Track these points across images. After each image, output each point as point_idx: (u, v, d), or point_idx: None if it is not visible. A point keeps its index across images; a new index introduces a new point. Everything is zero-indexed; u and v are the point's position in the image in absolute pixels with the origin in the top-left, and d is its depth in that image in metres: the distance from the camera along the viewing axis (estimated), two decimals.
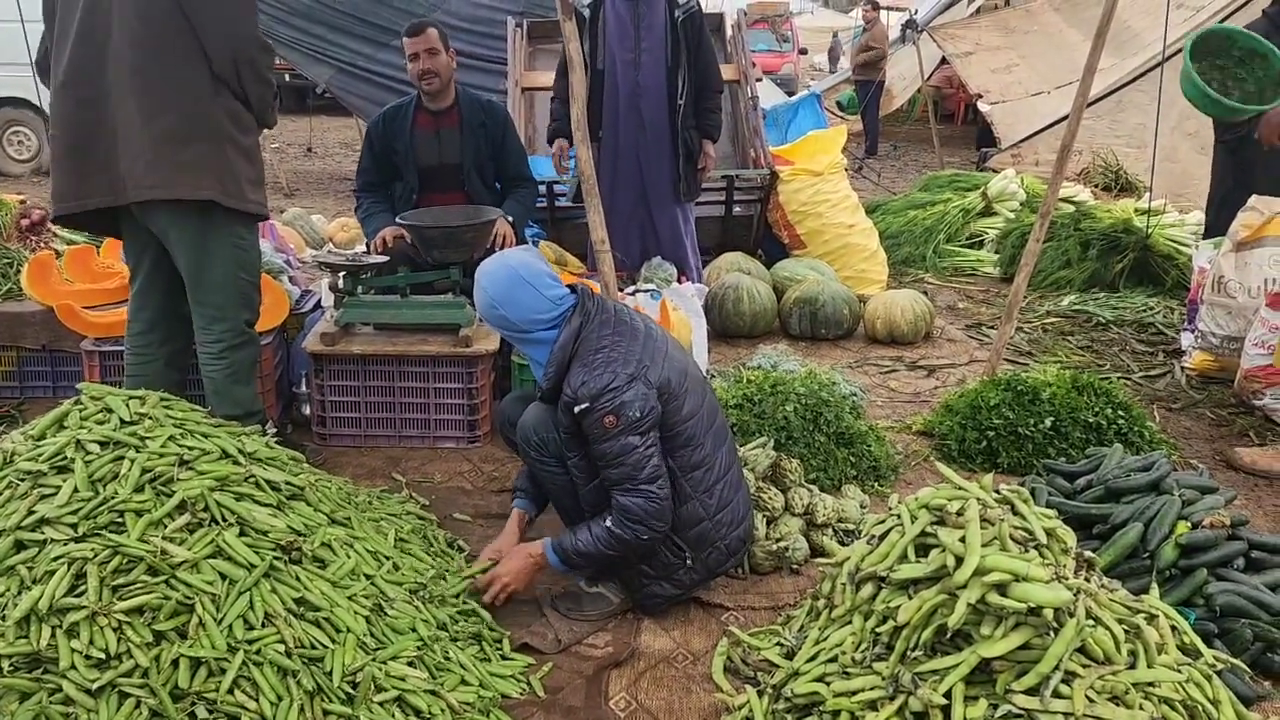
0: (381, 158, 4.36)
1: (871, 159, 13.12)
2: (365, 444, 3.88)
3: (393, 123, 4.33)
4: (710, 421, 2.71)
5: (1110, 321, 5.59)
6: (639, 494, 2.52)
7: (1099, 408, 3.74)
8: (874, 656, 2.05)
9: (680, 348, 2.81)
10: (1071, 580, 1.94)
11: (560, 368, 2.59)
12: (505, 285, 2.63)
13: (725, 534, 2.70)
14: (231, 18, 3.01)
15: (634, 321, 2.70)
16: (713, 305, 5.27)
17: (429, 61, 4.17)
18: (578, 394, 2.52)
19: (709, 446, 2.68)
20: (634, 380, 2.52)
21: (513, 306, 2.63)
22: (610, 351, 2.56)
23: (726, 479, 2.71)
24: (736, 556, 2.80)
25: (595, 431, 2.52)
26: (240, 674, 1.99)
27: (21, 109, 10.51)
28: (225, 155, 3.07)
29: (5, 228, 4.93)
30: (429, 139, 4.29)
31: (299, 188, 10.53)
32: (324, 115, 16.19)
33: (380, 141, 4.34)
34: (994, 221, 7.39)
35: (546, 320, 2.64)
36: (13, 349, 4.22)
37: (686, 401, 2.63)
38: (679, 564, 2.66)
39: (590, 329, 2.61)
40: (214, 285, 3.18)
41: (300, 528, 2.35)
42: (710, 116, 5.19)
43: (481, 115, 4.32)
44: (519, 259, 2.69)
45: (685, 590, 2.73)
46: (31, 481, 2.18)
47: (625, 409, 2.49)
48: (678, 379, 2.62)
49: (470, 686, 2.31)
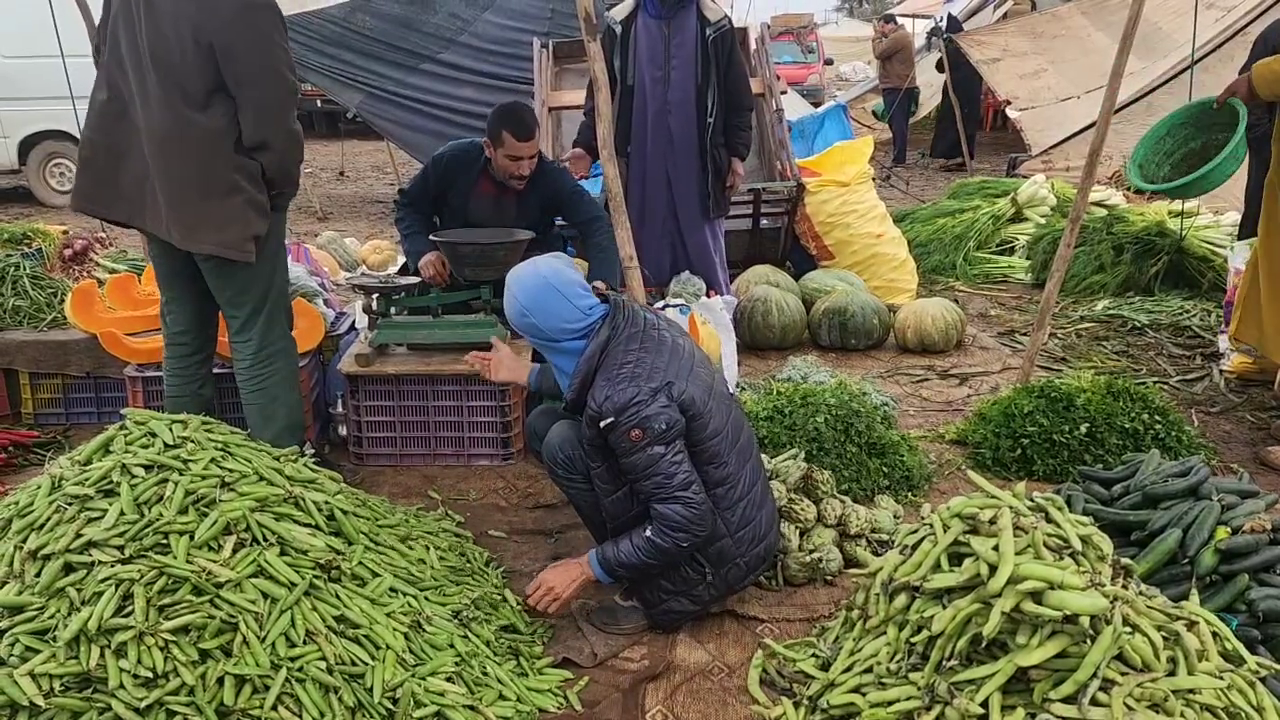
0: (434, 194, 4.28)
1: (900, 167, 13.08)
2: (401, 463, 3.93)
3: (456, 172, 4.21)
4: (735, 439, 2.70)
5: (1145, 326, 5.54)
6: (676, 501, 2.52)
7: (1135, 413, 3.70)
8: (909, 666, 2.05)
9: (707, 364, 2.81)
10: (1108, 587, 1.93)
11: (585, 380, 2.60)
12: (536, 292, 2.64)
13: (745, 551, 2.69)
14: (272, 107, 3.04)
15: (662, 335, 2.70)
16: (742, 318, 5.28)
17: (528, 165, 4.06)
18: (602, 408, 2.53)
19: (732, 464, 2.67)
20: (657, 394, 2.52)
21: (542, 314, 2.64)
22: (635, 367, 2.56)
23: (750, 497, 2.71)
24: (756, 573, 2.79)
25: (622, 445, 2.53)
26: (283, 691, 2.04)
27: (63, 141, 10.74)
28: (235, 209, 3.08)
29: (49, 258, 5.05)
30: (487, 201, 4.22)
31: (331, 211, 10.68)
32: (356, 139, 16.40)
33: (438, 182, 4.25)
34: (1024, 228, 7.34)
35: (576, 330, 2.65)
36: (58, 376, 4.31)
37: (712, 420, 2.62)
38: (699, 579, 2.66)
39: (617, 343, 2.61)
40: (249, 305, 3.25)
41: (339, 547, 2.39)
42: (740, 135, 5.21)
43: (548, 187, 4.22)
44: (551, 266, 2.68)
45: (703, 606, 2.73)
46: (79, 505, 2.23)
47: (650, 422, 2.49)
48: (702, 396, 2.62)
49: (508, 701, 2.33)
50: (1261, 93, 3.79)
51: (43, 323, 4.39)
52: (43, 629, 2.04)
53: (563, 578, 2.67)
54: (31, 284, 4.54)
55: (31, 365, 4.29)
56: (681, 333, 2.83)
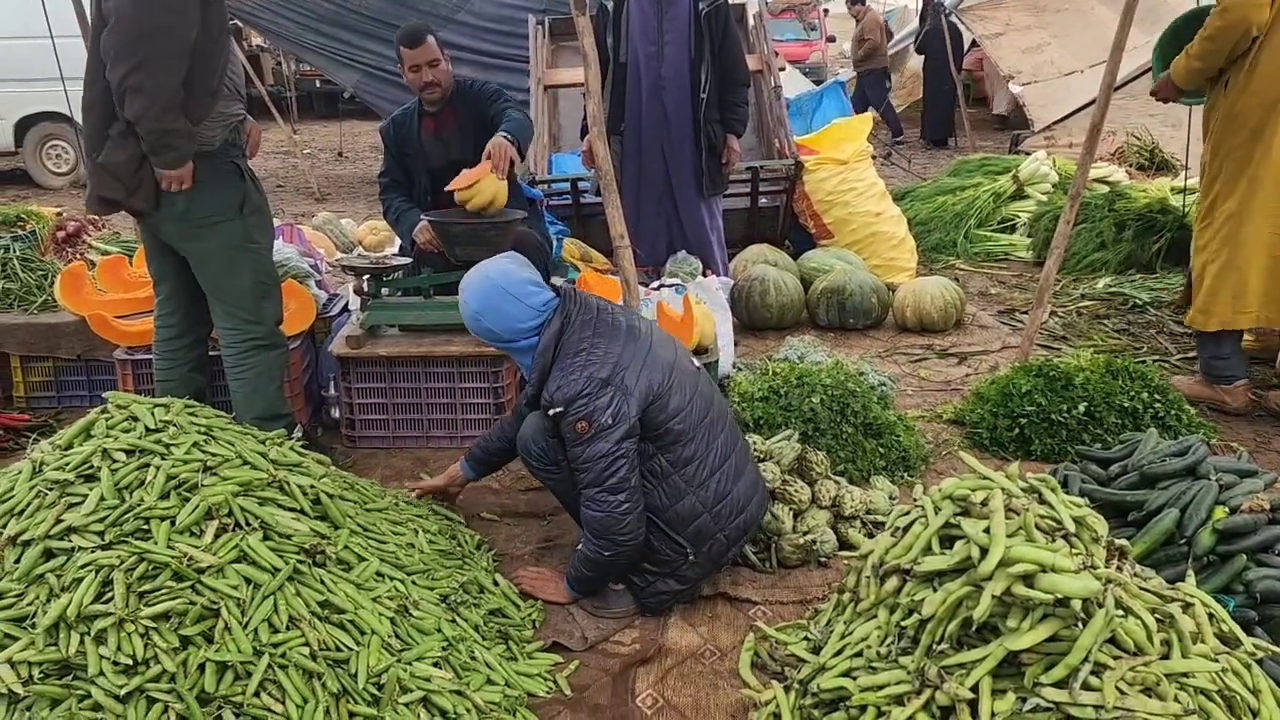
0: (400, 158, 4.38)
1: (902, 144, 12.98)
2: (394, 445, 3.90)
3: (401, 129, 4.33)
4: (702, 414, 2.68)
5: (1147, 303, 5.48)
6: (596, 504, 2.53)
7: (1135, 392, 3.66)
8: (900, 650, 2.02)
9: (669, 343, 2.79)
10: (1101, 570, 1.90)
11: (543, 373, 2.60)
12: (486, 297, 2.65)
13: (725, 525, 2.68)
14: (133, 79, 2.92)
15: (616, 319, 2.68)
16: (739, 298, 5.24)
17: (430, 73, 4.11)
18: (553, 398, 2.54)
19: (701, 440, 2.65)
20: (607, 385, 2.51)
21: (494, 317, 2.64)
22: (588, 355, 2.55)
23: (723, 470, 2.69)
24: (739, 545, 2.78)
25: (569, 435, 2.54)
26: (266, 677, 2.01)
27: (59, 123, 10.69)
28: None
29: (42, 240, 5.02)
30: (434, 142, 4.28)
31: (330, 192, 10.62)
32: (354, 120, 16.33)
33: (394, 147, 4.36)
34: (1026, 205, 7.28)
35: (530, 328, 2.65)
36: (49, 359, 4.29)
37: (672, 399, 2.61)
38: (680, 559, 2.65)
39: (571, 331, 2.61)
40: (233, 291, 3.23)
41: (325, 531, 2.36)
42: (735, 111, 5.15)
43: (472, 102, 4.24)
44: (499, 269, 2.69)
45: (690, 585, 2.72)
46: (59, 490, 2.21)
47: (596, 415, 2.49)
48: (661, 378, 2.60)
49: (496, 686, 2.31)
50: (1187, 86, 4.00)
51: (33, 305, 4.36)
52: (21, 616, 2.02)
53: (543, 583, 2.81)
54: (22, 266, 4.50)
55: (22, 348, 4.26)
56: (637, 316, 2.81)
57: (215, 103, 3.09)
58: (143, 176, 3.03)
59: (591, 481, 2.53)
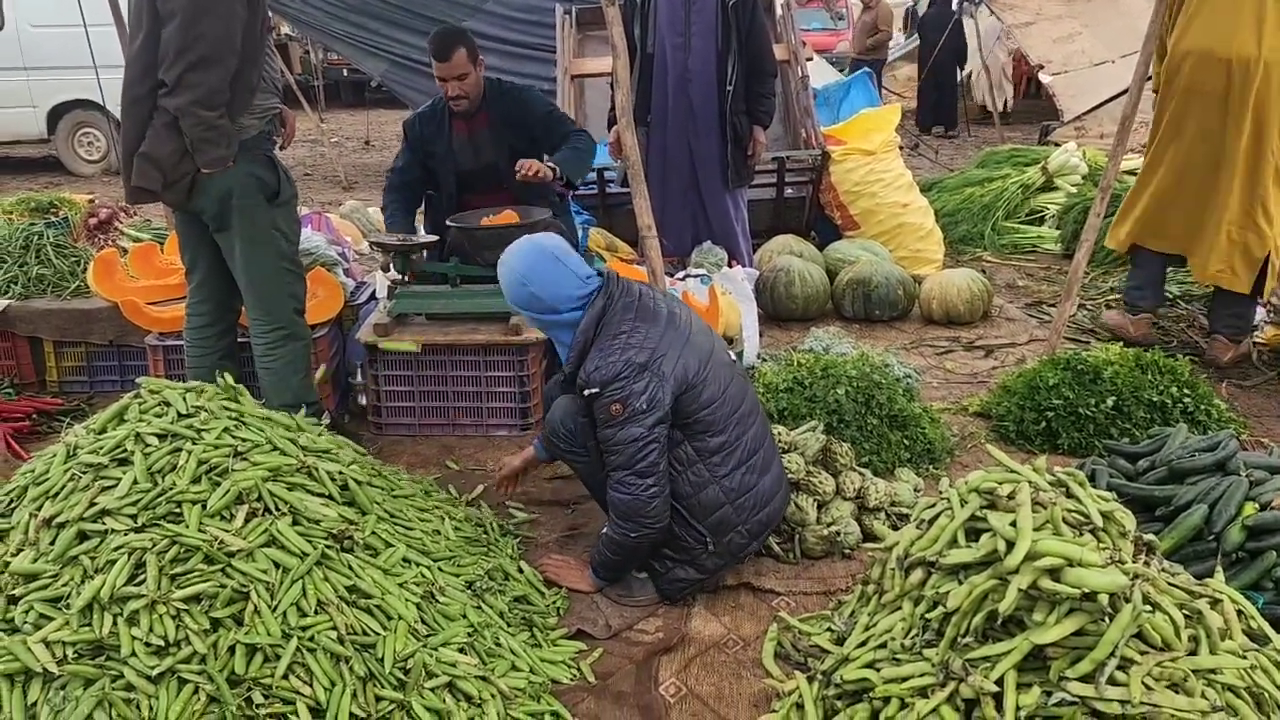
0: (420, 159, 4.33)
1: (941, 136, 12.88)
2: (420, 433, 3.93)
3: (429, 127, 4.28)
4: (735, 406, 2.68)
5: (1177, 297, 5.42)
6: (624, 487, 2.54)
7: (1164, 386, 3.63)
8: (924, 643, 2.02)
9: (707, 332, 2.80)
10: (1128, 564, 1.89)
11: (581, 351, 2.60)
12: (534, 261, 2.64)
13: (747, 518, 2.68)
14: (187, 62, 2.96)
15: (657, 306, 2.69)
16: (765, 289, 5.22)
17: (458, 87, 4.08)
18: (590, 378, 2.54)
19: (731, 431, 2.66)
20: (644, 370, 2.52)
21: (542, 283, 2.63)
22: (628, 338, 2.56)
23: (751, 463, 2.69)
24: (759, 540, 2.78)
25: (601, 417, 2.55)
26: (295, 660, 2.04)
27: (90, 110, 10.80)
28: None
29: (75, 226, 5.08)
30: (464, 143, 4.25)
31: (357, 180, 10.67)
32: (382, 109, 16.38)
33: (419, 144, 4.30)
34: (1055, 197, 7.20)
35: (576, 299, 2.64)
36: (81, 345, 4.35)
37: (706, 388, 2.61)
38: (700, 549, 2.66)
39: (612, 313, 2.61)
40: (259, 276, 3.26)
41: (352, 517, 2.39)
42: (762, 102, 5.12)
43: (506, 105, 4.23)
44: (548, 238, 2.71)
45: (708, 575, 2.72)
46: (93, 474, 2.25)
47: (631, 399, 2.50)
48: (698, 366, 2.61)
49: (520, 672, 2.33)
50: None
51: (66, 291, 4.41)
52: (56, 596, 2.06)
53: (568, 571, 2.82)
54: (55, 252, 4.56)
55: (56, 334, 4.32)
56: (678, 303, 2.81)
57: (253, 97, 3.14)
58: (183, 170, 3.08)
59: (621, 464, 2.54)
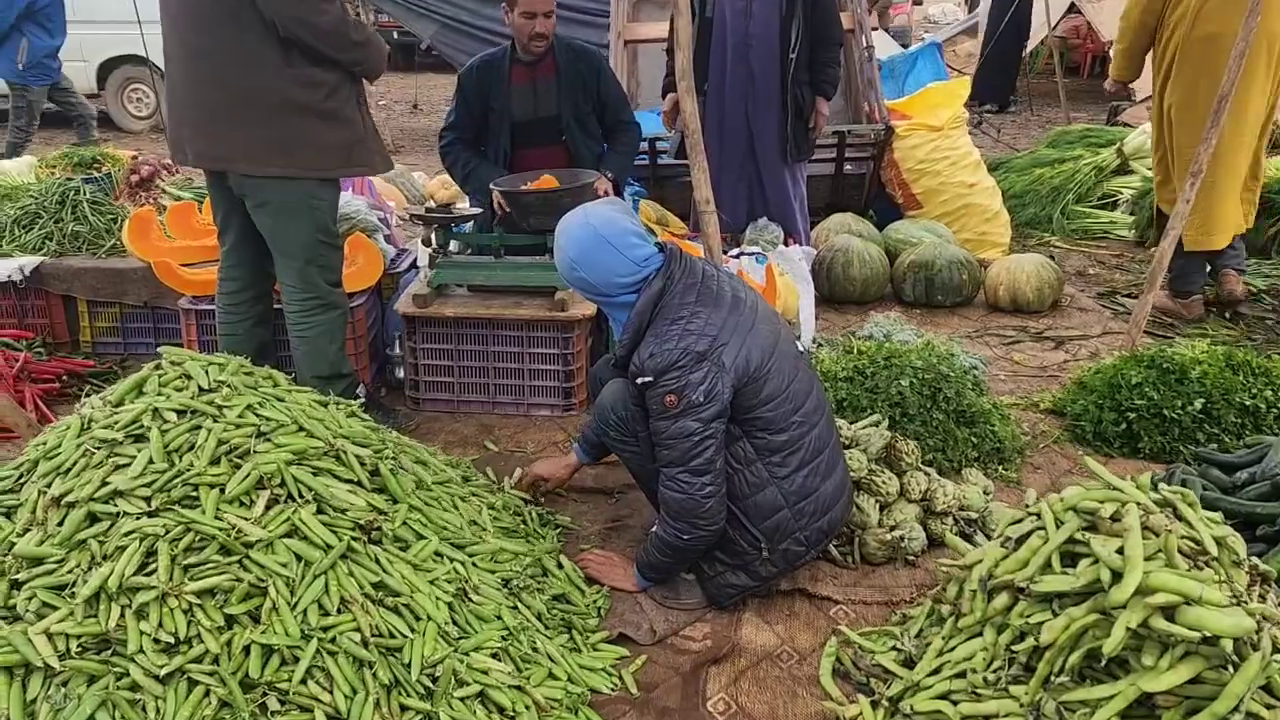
0: (476, 112, 4.11)
1: (991, 114, 12.44)
2: (459, 410, 3.76)
3: (487, 75, 4.05)
4: (799, 403, 2.46)
5: (1263, 291, 5.10)
6: (678, 485, 2.35)
7: (1257, 389, 3.36)
8: (1010, 678, 1.81)
9: (773, 319, 2.57)
10: (1253, 605, 1.65)
11: (636, 334, 2.40)
12: (585, 245, 2.42)
13: (805, 524, 2.47)
14: None
15: (722, 288, 2.47)
16: (820, 268, 4.98)
17: (544, 24, 3.88)
18: (644, 366, 2.35)
19: (794, 430, 2.44)
20: (703, 360, 2.31)
21: (592, 268, 2.43)
22: (687, 323, 2.35)
23: (813, 465, 2.47)
24: (818, 548, 2.56)
25: (654, 407, 2.36)
26: (314, 664, 1.87)
27: (140, 66, 10.73)
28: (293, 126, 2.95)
29: (117, 183, 4.96)
30: (525, 93, 4.04)
31: (404, 144, 10.52)
32: (431, 72, 16.22)
33: (475, 96, 4.07)
34: (1130, 181, 6.83)
35: (629, 284, 2.44)
36: (116, 305, 4.23)
37: (769, 383, 2.40)
38: (755, 554, 2.46)
39: (671, 294, 2.40)
40: (294, 247, 3.11)
41: (382, 506, 2.22)
42: (826, 71, 4.87)
43: (578, 63, 4.04)
44: (602, 216, 2.46)
45: (762, 583, 2.52)
46: (107, 450, 2.09)
47: (688, 390, 2.30)
48: (761, 358, 2.39)
49: (558, 681, 2.15)
50: (1124, 78, 4.93)
51: (102, 249, 4.29)
52: (61, 583, 1.90)
53: (611, 571, 2.64)
54: (91, 209, 4.43)
55: (89, 293, 4.21)
56: (743, 286, 2.57)
57: None
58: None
59: (674, 460, 2.34)
